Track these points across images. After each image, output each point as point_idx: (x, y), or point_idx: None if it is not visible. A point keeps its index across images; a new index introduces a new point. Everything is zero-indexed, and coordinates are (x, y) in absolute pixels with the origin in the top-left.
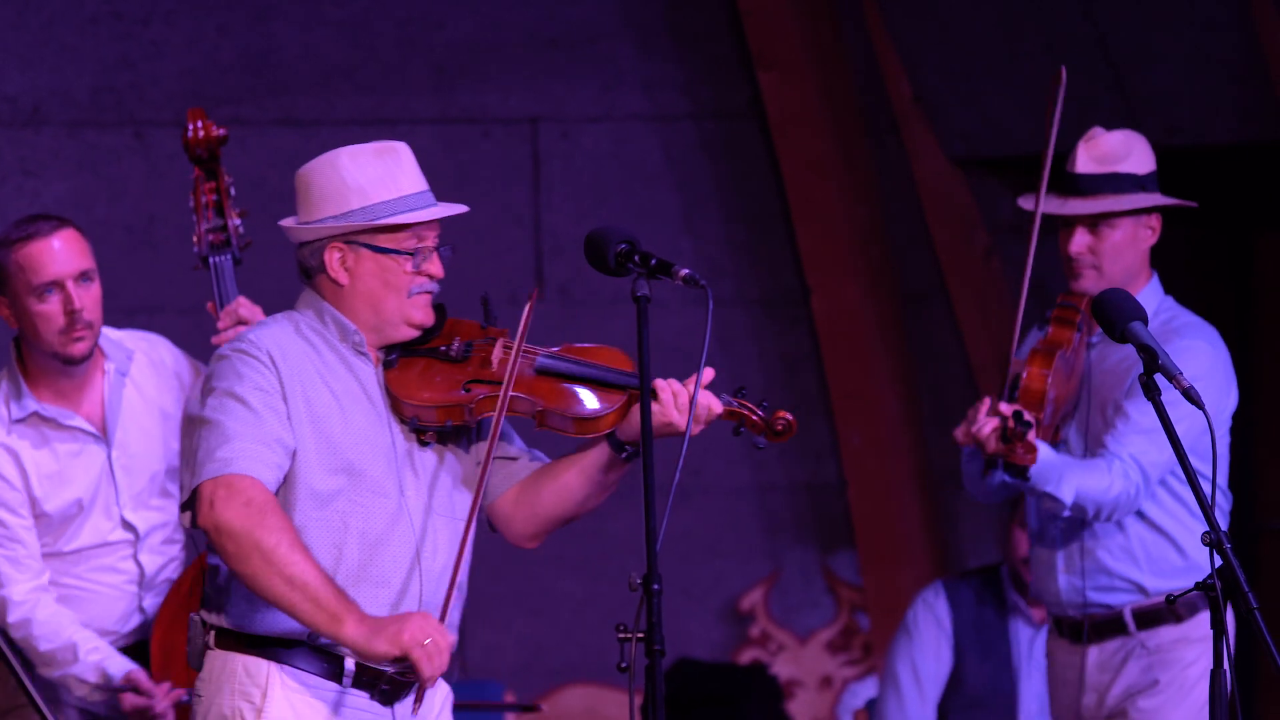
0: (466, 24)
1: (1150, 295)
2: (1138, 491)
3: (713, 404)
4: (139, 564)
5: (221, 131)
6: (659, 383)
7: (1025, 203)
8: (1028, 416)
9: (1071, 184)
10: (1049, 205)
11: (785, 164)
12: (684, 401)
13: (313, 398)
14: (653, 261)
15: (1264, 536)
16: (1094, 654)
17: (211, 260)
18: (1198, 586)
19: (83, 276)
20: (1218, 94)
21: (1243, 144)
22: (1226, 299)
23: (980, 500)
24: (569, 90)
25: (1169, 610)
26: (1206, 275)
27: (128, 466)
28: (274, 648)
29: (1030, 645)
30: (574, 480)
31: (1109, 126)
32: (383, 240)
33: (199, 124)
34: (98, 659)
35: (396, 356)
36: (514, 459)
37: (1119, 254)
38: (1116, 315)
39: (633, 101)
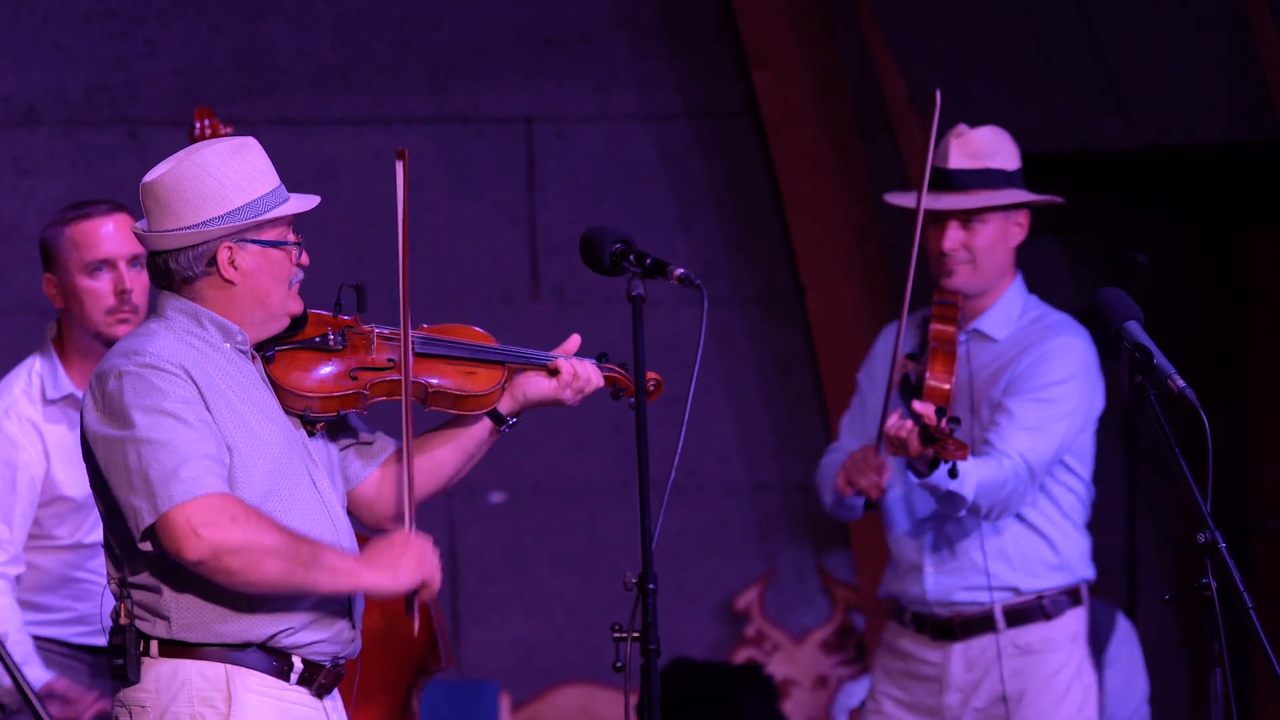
0: (461, 23)
1: (1016, 294)
2: (1025, 489)
3: (593, 376)
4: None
5: (229, 130)
6: (560, 362)
7: (896, 199)
8: (953, 413)
9: (945, 179)
10: (903, 201)
11: (780, 163)
12: (580, 382)
13: (228, 403)
14: (648, 261)
15: (1257, 536)
16: (959, 652)
17: None
18: (1192, 588)
19: (135, 260)
20: (1211, 94)
21: (1236, 143)
22: (1220, 298)
23: (840, 519)
24: (563, 90)
25: (1038, 608)
26: (1200, 274)
27: None
28: (227, 651)
29: None
30: (449, 455)
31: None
32: (268, 234)
33: (205, 123)
34: (19, 659)
35: (274, 352)
36: (370, 442)
37: (992, 250)
38: (1112, 314)
39: (627, 101)
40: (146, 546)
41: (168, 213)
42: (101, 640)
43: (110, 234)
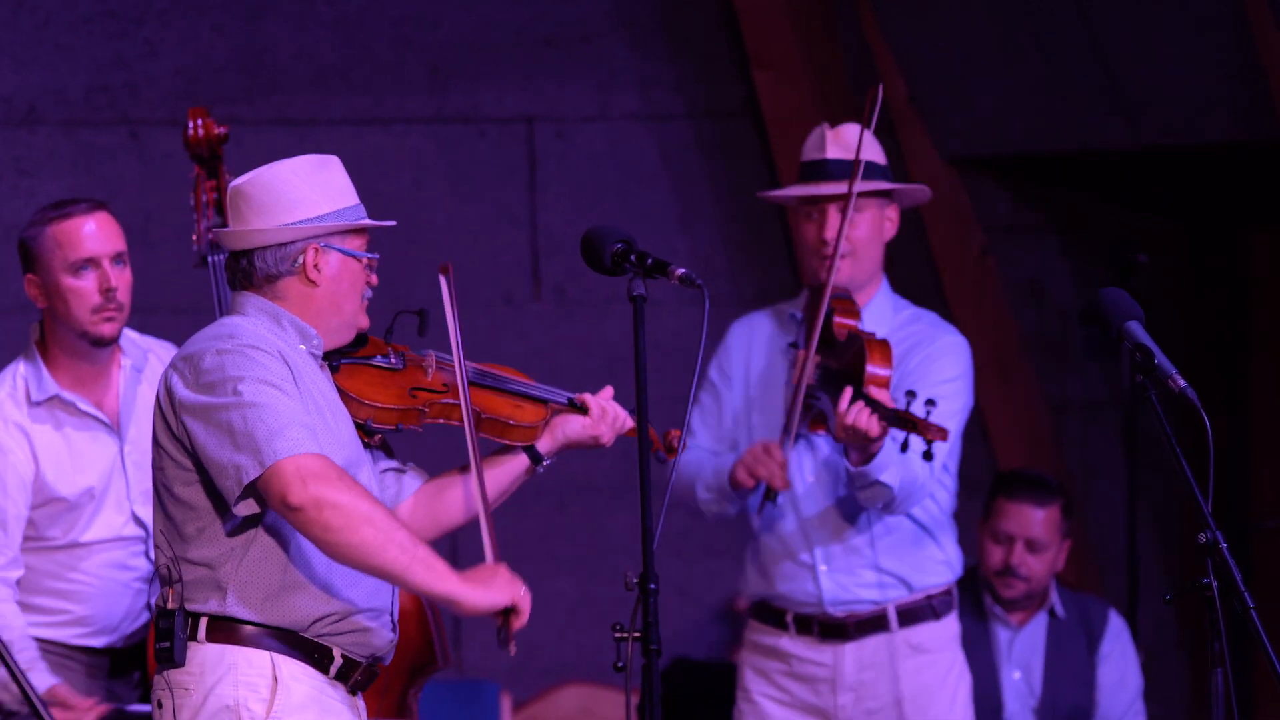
0: (461, 23)
1: (886, 292)
2: (927, 482)
3: (621, 414)
4: (150, 561)
5: (222, 130)
6: (587, 398)
7: (773, 195)
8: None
9: (823, 169)
10: (799, 190)
11: (781, 163)
12: (610, 418)
13: (309, 400)
14: (649, 261)
15: (1256, 536)
16: (852, 652)
17: (211, 259)
18: (1193, 588)
19: (118, 258)
20: (1211, 93)
21: (1236, 143)
22: (1219, 298)
23: (713, 517)
24: (564, 90)
25: (928, 608)
26: (1200, 275)
27: (139, 462)
28: (273, 639)
29: (1009, 647)
30: (486, 488)
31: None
32: (351, 244)
33: (200, 122)
34: (24, 663)
35: (341, 362)
36: (403, 471)
37: (870, 242)
38: (1113, 314)
39: (628, 101)
40: (243, 509)
41: (258, 212)
42: (98, 641)
43: (93, 232)
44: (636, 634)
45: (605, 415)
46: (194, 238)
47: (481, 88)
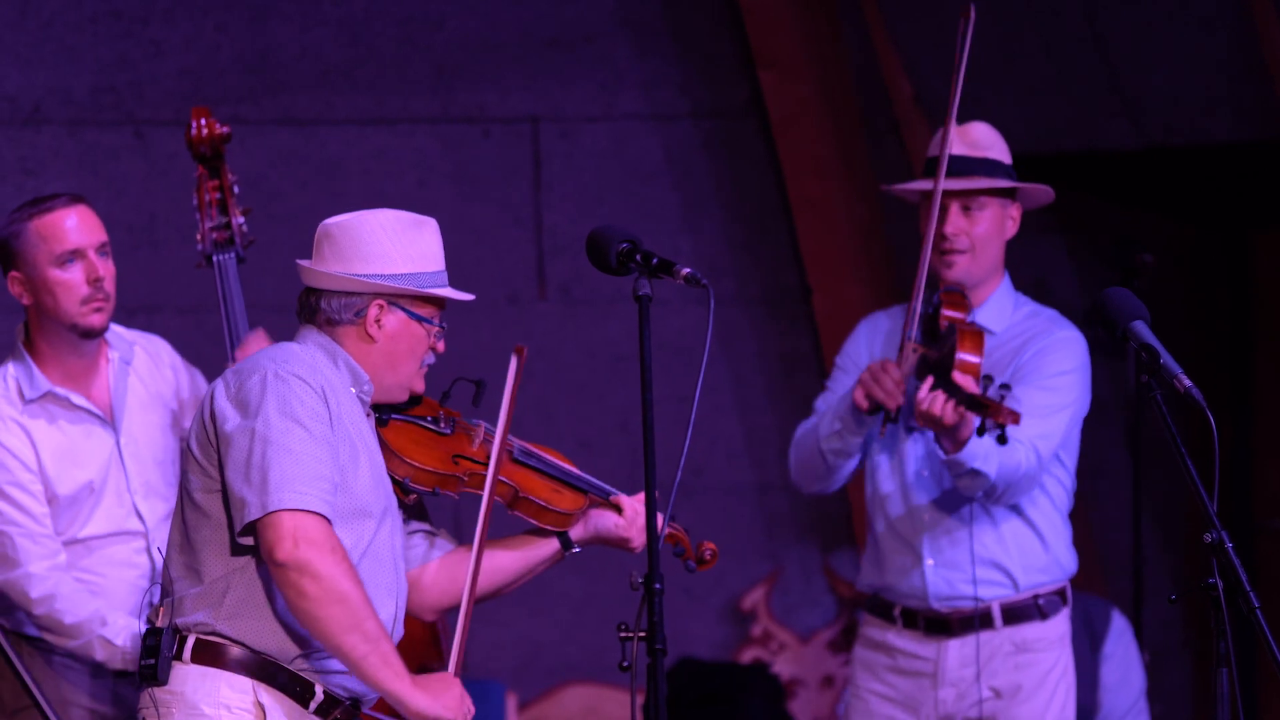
0: (466, 23)
1: (1007, 290)
2: (1034, 474)
3: (665, 528)
4: (152, 558)
5: (225, 129)
6: (623, 500)
7: (903, 188)
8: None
9: (949, 165)
10: (924, 185)
11: (786, 163)
12: (642, 523)
13: (345, 440)
14: (654, 260)
15: (1261, 536)
16: (954, 648)
17: (215, 258)
18: (1198, 588)
19: (102, 248)
20: (1216, 93)
21: (1240, 143)
22: (1224, 297)
23: (816, 492)
24: (569, 90)
25: (1034, 607)
26: (1205, 274)
27: (135, 454)
28: (257, 666)
29: None
30: (511, 565)
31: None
32: (420, 309)
33: (202, 122)
34: (125, 623)
35: (390, 417)
36: (435, 534)
37: (989, 240)
38: (1118, 314)
39: (632, 101)
40: (247, 540)
41: (336, 255)
42: None
43: (76, 225)
44: (642, 634)
45: (638, 519)
46: (198, 237)
47: (486, 88)
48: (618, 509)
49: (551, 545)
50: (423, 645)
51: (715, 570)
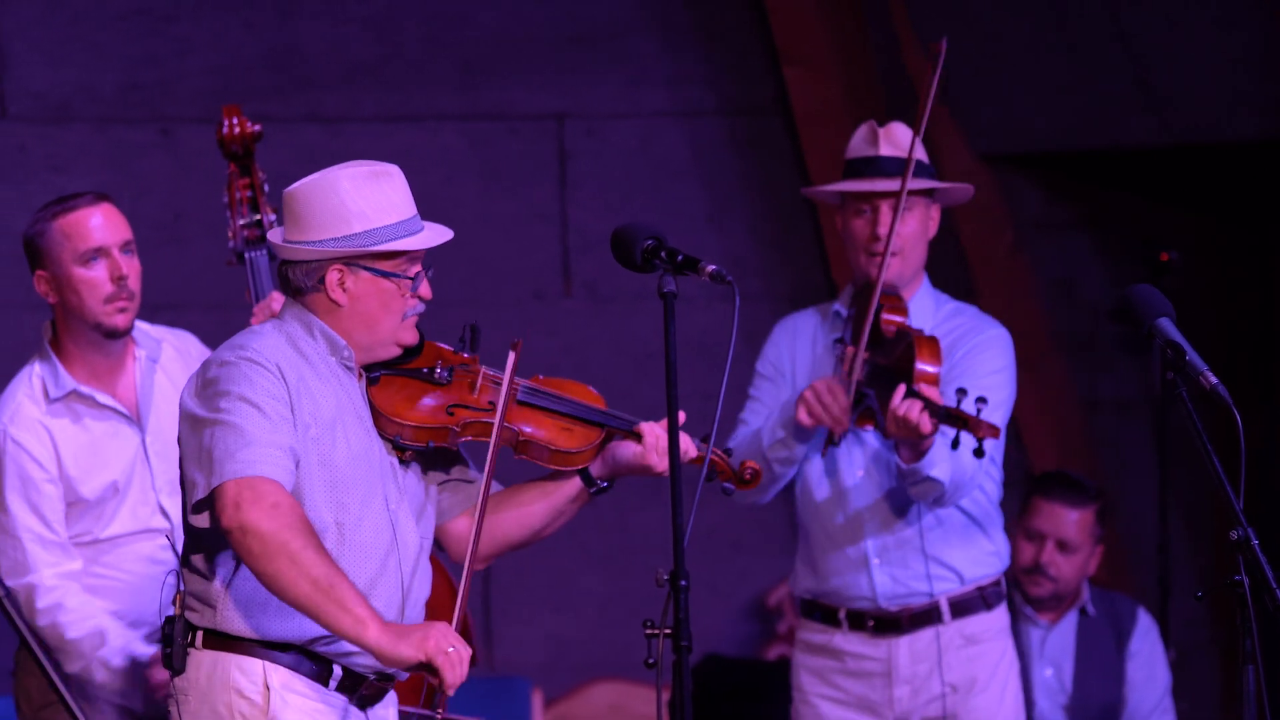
0: (492, 20)
1: (928, 289)
2: (976, 474)
3: (688, 448)
4: (177, 554)
5: (256, 128)
6: (643, 426)
7: (820, 191)
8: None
9: (873, 166)
10: (852, 186)
11: (811, 159)
12: (664, 445)
13: (311, 410)
14: (679, 257)
15: None
16: (905, 645)
17: (247, 255)
18: (1225, 585)
19: (126, 246)
20: (1242, 89)
21: (1267, 140)
22: (1250, 295)
23: (755, 503)
24: (595, 86)
25: (979, 599)
26: (1230, 271)
27: (161, 453)
28: (267, 648)
29: (1041, 645)
30: (539, 508)
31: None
32: (384, 264)
33: (234, 120)
34: (123, 643)
35: (380, 374)
36: (471, 481)
37: (917, 240)
38: (1144, 311)
39: (658, 97)
40: (199, 521)
41: (294, 224)
42: None
43: (100, 223)
44: (667, 630)
45: (659, 443)
46: (229, 234)
47: (512, 85)
48: (638, 437)
49: (574, 484)
50: None
51: (741, 567)
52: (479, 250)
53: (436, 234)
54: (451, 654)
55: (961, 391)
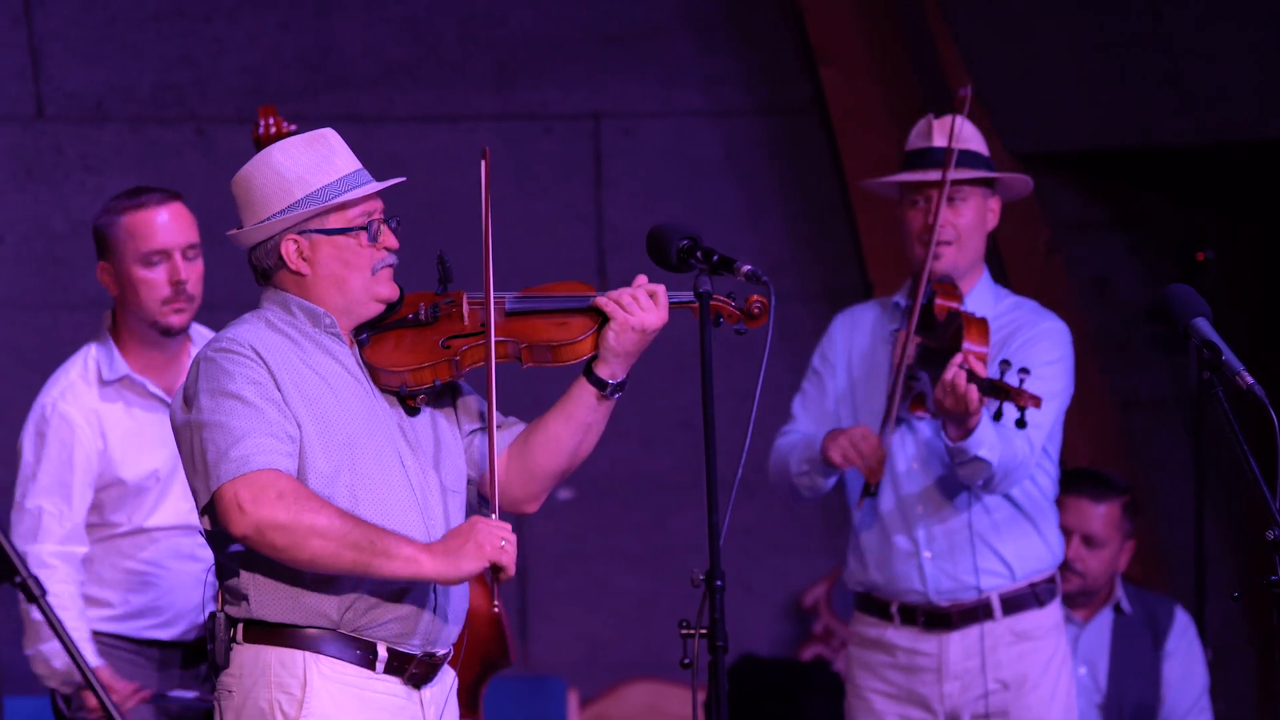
0: (528, 20)
1: (987, 281)
2: (1029, 461)
3: (645, 296)
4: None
5: (292, 128)
6: (611, 295)
7: (878, 183)
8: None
9: (931, 157)
10: (903, 177)
11: (847, 159)
12: (644, 298)
13: (302, 383)
14: (715, 257)
15: None
16: (957, 640)
17: None
18: (1261, 585)
19: (190, 249)
20: (1275, 89)
21: None
22: None
23: (800, 498)
24: (630, 86)
25: (1032, 595)
26: (1266, 270)
27: None
28: (307, 638)
29: (1075, 643)
30: (562, 429)
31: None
32: (333, 222)
33: (270, 121)
34: (76, 636)
35: (368, 335)
36: (499, 426)
37: (973, 231)
38: (1180, 311)
39: (693, 97)
40: (206, 525)
41: (244, 210)
42: (166, 634)
43: (166, 224)
44: (703, 630)
45: (639, 301)
46: None
47: (548, 84)
48: (603, 315)
49: (588, 391)
50: (489, 644)
51: (776, 567)
52: (514, 250)
53: (378, 183)
54: (505, 546)
55: (1005, 364)
